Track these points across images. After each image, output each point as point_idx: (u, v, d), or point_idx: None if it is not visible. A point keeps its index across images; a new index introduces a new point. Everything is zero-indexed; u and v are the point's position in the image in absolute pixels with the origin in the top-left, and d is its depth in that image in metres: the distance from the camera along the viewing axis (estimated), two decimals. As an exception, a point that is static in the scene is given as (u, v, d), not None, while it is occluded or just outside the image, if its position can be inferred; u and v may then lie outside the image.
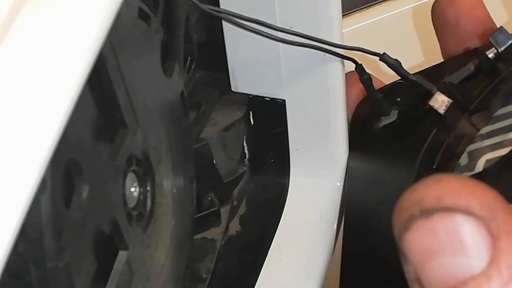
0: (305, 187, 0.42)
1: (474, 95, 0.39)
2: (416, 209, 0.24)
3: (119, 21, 0.27)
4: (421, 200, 0.24)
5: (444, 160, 0.38)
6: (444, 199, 0.23)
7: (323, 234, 0.41)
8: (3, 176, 0.22)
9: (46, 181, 0.24)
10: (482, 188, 0.24)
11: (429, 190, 0.24)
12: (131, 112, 0.31)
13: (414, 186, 0.24)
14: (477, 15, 0.41)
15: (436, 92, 0.39)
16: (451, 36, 0.41)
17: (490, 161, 0.37)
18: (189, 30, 0.41)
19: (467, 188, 0.24)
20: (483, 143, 0.38)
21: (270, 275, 0.39)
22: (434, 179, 0.24)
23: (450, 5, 0.41)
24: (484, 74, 0.39)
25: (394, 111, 0.41)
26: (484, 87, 0.39)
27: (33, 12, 0.24)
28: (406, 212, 0.24)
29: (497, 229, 0.23)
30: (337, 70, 0.40)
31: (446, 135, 0.38)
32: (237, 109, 0.42)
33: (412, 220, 0.24)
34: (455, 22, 0.41)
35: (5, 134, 0.22)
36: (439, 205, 0.23)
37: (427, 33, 0.43)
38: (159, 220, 0.34)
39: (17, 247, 0.24)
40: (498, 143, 0.37)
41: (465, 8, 0.41)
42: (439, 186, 0.24)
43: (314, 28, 0.38)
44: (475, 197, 0.23)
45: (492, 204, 0.24)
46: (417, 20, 0.54)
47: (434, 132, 0.38)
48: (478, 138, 0.38)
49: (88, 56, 0.24)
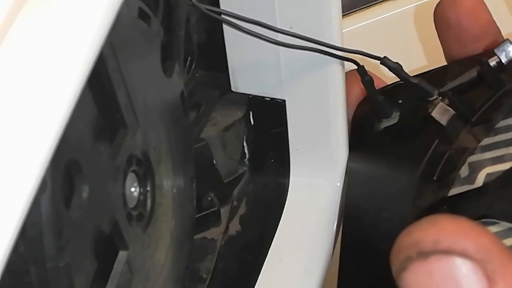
0: (305, 187, 0.42)
1: (476, 107, 0.39)
2: (413, 251, 0.24)
3: (119, 21, 0.27)
4: (418, 243, 0.24)
5: (444, 172, 0.38)
6: (441, 243, 0.24)
7: (323, 234, 0.41)
8: (3, 176, 0.22)
9: (46, 181, 0.24)
10: (478, 230, 0.24)
11: (426, 233, 0.24)
12: (131, 112, 0.31)
13: (410, 228, 0.24)
14: (479, 18, 0.41)
15: (439, 103, 0.39)
16: (454, 39, 0.41)
17: (491, 175, 0.37)
18: (189, 30, 0.41)
19: (463, 231, 0.24)
20: (484, 155, 0.38)
21: (270, 275, 0.39)
22: (430, 221, 0.24)
23: (452, 8, 0.41)
24: (487, 85, 0.39)
25: (396, 113, 0.41)
26: (487, 98, 0.39)
27: (33, 12, 0.24)
28: (403, 253, 0.24)
29: (493, 272, 0.24)
30: (337, 70, 0.40)
31: (448, 147, 0.38)
32: (237, 109, 0.42)
33: (409, 261, 0.24)
34: (457, 24, 0.41)
35: (5, 134, 0.22)
36: (435, 248, 0.24)
37: (427, 33, 0.43)
38: (159, 220, 0.34)
39: (17, 247, 0.24)
40: (499, 157, 0.37)
41: (467, 11, 0.41)
42: (435, 230, 0.24)
43: (315, 29, 0.38)
44: (471, 239, 0.24)
45: (489, 247, 0.24)
46: (417, 20, 0.54)
47: (436, 144, 0.38)
48: (479, 150, 0.38)
49: (88, 56, 0.24)
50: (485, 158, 0.38)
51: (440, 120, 0.38)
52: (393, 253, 0.25)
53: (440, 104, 0.39)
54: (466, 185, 0.37)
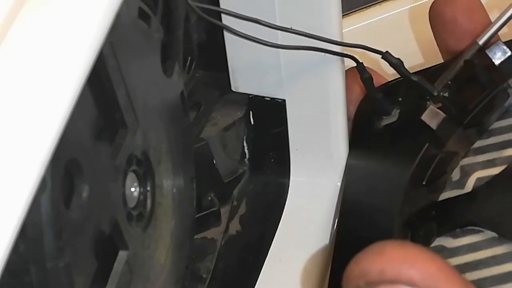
0: (305, 187, 0.42)
1: (469, 108, 0.39)
2: (361, 281, 0.24)
3: (119, 21, 0.27)
4: (365, 274, 0.24)
5: (435, 176, 0.38)
6: (386, 272, 0.24)
7: (323, 234, 0.41)
8: (3, 176, 0.22)
9: (46, 181, 0.24)
10: (425, 257, 0.24)
11: (372, 263, 0.24)
12: (131, 112, 0.31)
13: (358, 257, 0.25)
14: (474, 14, 0.41)
15: (430, 107, 0.39)
16: (449, 34, 0.41)
17: (481, 180, 0.37)
18: (189, 30, 0.41)
19: (409, 259, 0.24)
20: (476, 158, 0.38)
21: (270, 275, 0.39)
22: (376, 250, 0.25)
23: (447, 5, 0.41)
24: (479, 86, 0.39)
25: (396, 111, 0.41)
26: (479, 100, 0.39)
27: (33, 12, 0.24)
28: (352, 282, 0.25)
29: None
30: (337, 70, 0.40)
31: (438, 150, 0.38)
32: (237, 109, 0.42)
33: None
34: (452, 19, 0.41)
35: (5, 134, 0.22)
36: (382, 278, 0.24)
37: (427, 33, 0.43)
38: (159, 220, 0.34)
39: (17, 247, 0.24)
40: (490, 161, 0.37)
41: (462, 7, 0.41)
42: (382, 259, 0.24)
43: (315, 26, 0.38)
44: (417, 268, 0.24)
45: (435, 274, 0.24)
46: (417, 20, 0.54)
47: (426, 147, 0.38)
48: (472, 152, 0.38)
49: (88, 56, 0.24)
50: (477, 161, 0.38)
51: (430, 124, 0.38)
52: (344, 281, 0.25)
53: (431, 108, 0.38)
54: (456, 189, 0.37)
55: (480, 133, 0.39)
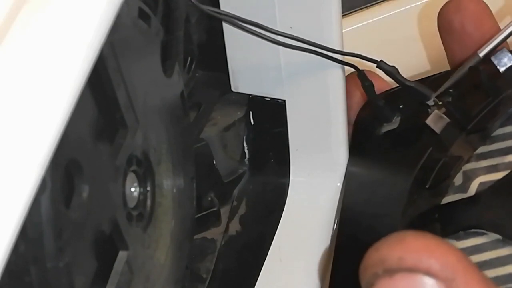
0: (305, 187, 0.42)
1: (473, 114, 0.39)
2: (379, 268, 0.24)
3: (119, 21, 0.27)
4: (383, 260, 0.24)
5: (438, 180, 0.38)
6: (406, 261, 0.24)
7: (323, 234, 0.41)
8: (3, 176, 0.22)
9: (46, 181, 0.24)
10: (444, 248, 0.24)
11: (391, 250, 0.24)
12: (131, 112, 0.31)
13: (377, 244, 0.25)
14: (483, 22, 0.41)
15: (434, 111, 0.39)
16: (457, 44, 0.41)
17: (484, 184, 0.37)
18: (189, 30, 0.41)
19: (429, 249, 0.24)
20: (479, 163, 0.38)
21: (270, 275, 0.39)
22: (396, 238, 0.25)
23: (456, 13, 0.41)
24: (484, 93, 0.39)
25: (397, 118, 0.41)
26: (483, 106, 0.39)
27: (33, 12, 0.24)
28: (371, 269, 0.24)
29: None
30: (337, 70, 0.40)
31: (442, 155, 0.38)
32: (237, 109, 0.42)
33: (376, 277, 0.24)
34: (461, 29, 0.41)
35: (5, 134, 0.22)
36: (400, 265, 0.24)
37: (427, 33, 0.43)
38: (159, 220, 0.34)
39: (17, 247, 0.24)
40: (493, 166, 0.37)
41: (471, 15, 0.41)
42: (401, 247, 0.24)
43: (314, 31, 0.38)
44: (436, 257, 0.24)
45: (454, 264, 0.24)
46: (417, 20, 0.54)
47: (429, 152, 0.38)
48: (475, 158, 0.38)
49: (88, 56, 0.24)
50: (479, 166, 0.38)
51: (434, 128, 0.38)
52: (361, 269, 0.25)
53: (435, 112, 0.39)
54: (459, 193, 0.37)
55: (484, 139, 0.39)
